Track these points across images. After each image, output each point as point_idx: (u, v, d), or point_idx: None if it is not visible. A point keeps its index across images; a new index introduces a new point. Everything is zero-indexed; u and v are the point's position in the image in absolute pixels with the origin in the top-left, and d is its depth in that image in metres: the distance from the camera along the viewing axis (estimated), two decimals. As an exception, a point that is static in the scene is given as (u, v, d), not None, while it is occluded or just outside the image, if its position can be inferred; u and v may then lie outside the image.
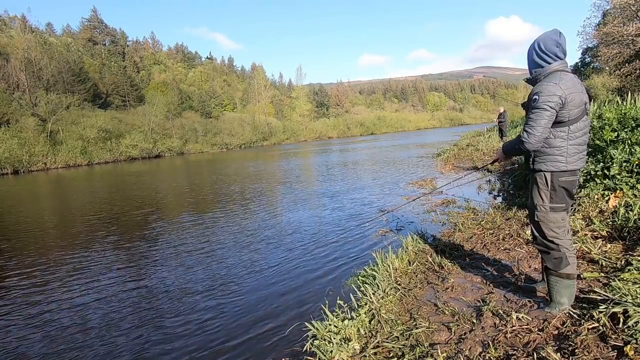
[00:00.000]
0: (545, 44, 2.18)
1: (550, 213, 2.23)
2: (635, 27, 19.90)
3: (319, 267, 4.29)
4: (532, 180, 2.31)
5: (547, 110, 2.07)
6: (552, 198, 2.22)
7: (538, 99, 2.09)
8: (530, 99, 2.19)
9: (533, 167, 2.26)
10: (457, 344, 2.19)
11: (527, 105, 2.22)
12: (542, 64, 2.21)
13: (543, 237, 2.28)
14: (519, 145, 2.21)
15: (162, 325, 3.26)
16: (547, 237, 2.25)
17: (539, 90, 2.10)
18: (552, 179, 2.20)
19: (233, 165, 21.88)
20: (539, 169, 2.23)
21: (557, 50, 2.16)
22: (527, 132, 2.14)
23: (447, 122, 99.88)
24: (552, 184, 2.20)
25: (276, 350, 2.70)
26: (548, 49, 2.17)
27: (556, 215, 2.23)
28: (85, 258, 5.31)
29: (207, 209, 8.41)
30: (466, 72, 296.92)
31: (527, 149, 2.17)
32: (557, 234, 2.23)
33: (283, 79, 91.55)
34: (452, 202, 6.60)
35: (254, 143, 55.96)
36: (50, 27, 65.77)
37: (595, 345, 1.89)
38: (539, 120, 2.09)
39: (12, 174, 27.82)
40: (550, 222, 2.24)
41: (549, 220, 2.24)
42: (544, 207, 2.24)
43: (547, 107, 2.07)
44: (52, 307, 3.78)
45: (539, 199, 2.26)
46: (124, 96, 59.12)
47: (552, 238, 2.24)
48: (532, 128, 2.12)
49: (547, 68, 2.18)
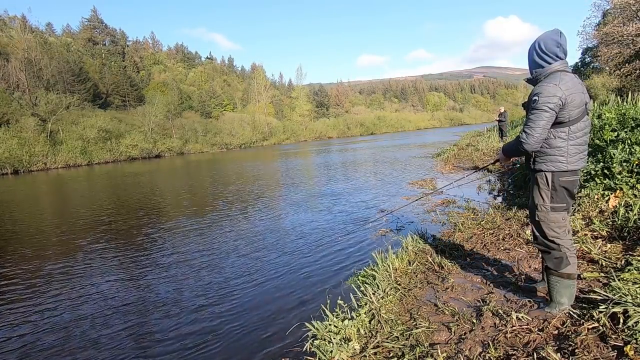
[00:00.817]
0: (546, 44, 2.17)
1: (551, 213, 2.23)
2: (635, 27, 19.90)
3: (319, 267, 4.29)
4: (533, 180, 2.31)
5: (546, 111, 2.07)
6: (553, 198, 2.22)
7: (538, 99, 2.09)
8: (530, 99, 2.19)
9: (534, 167, 2.26)
10: (457, 344, 2.19)
11: (527, 106, 2.22)
12: (542, 64, 2.21)
13: (544, 236, 2.28)
14: (518, 146, 2.21)
15: (161, 324, 3.25)
16: (548, 237, 2.25)
17: (539, 91, 2.10)
18: (552, 179, 2.20)
19: (233, 166, 21.88)
20: (539, 169, 2.23)
21: (557, 51, 2.15)
22: (526, 133, 2.14)
23: (447, 122, 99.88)
24: (552, 184, 2.20)
25: (276, 350, 2.70)
26: (548, 49, 2.17)
27: (557, 215, 2.23)
28: (80, 262, 5.30)
29: (206, 210, 8.41)
30: (466, 72, 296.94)
31: (526, 149, 2.17)
32: (558, 233, 2.23)
33: (283, 79, 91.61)
34: (452, 202, 6.60)
35: (254, 143, 55.92)
36: (50, 27, 65.82)
37: (595, 345, 1.89)
38: (538, 121, 2.09)
39: (12, 174, 27.82)
40: (551, 221, 2.24)
41: (549, 220, 2.24)
42: (545, 207, 2.24)
43: (546, 108, 2.07)
44: (41, 312, 3.77)
45: (539, 198, 2.26)
46: (124, 96, 59.10)
47: (553, 238, 2.24)
48: (531, 129, 2.12)
49: (548, 68, 2.18)
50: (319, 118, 77.51)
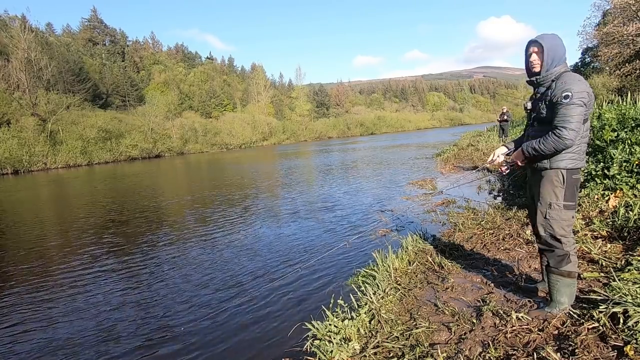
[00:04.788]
0: (559, 47, 2.23)
1: (564, 211, 2.23)
2: (635, 27, 19.91)
3: (319, 267, 4.29)
4: (546, 178, 2.26)
5: (581, 106, 2.08)
6: (566, 195, 2.22)
7: (572, 95, 2.08)
8: (555, 96, 2.14)
9: (550, 165, 2.23)
10: (457, 344, 2.19)
11: (554, 103, 2.16)
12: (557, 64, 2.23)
13: (551, 235, 2.26)
14: (557, 144, 2.12)
15: (161, 324, 3.25)
16: (557, 235, 2.24)
17: (569, 87, 2.09)
18: (567, 176, 2.21)
19: (233, 166, 21.88)
20: (556, 167, 2.21)
21: (565, 53, 2.24)
22: (566, 129, 2.08)
23: (447, 122, 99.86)
24: (566, 181, 2.21)
25: (276, 350, 2.70)
26: (562, 51, 2.24)
27: (568, 213, 2.24)
28: (80, 262, 5.31)
29: (207, 210, 8.41)
30: (466, 72, 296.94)
31: (567, 146, 2.12)
32: (567, 232, 2.25)
33: (283, 79, 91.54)
34: (452, 202, 6.59)
35: (253, 143, 55.89)
36: (50, 27, 65.67)
37: (595, 345, 1.89)
38: (575, 115, 2.08)
39: (12, 174, 27.81)
40: (562, 220, 2.24)
41: (561, 218, 2.23)
42: (558, 205, 2.23)
43: (581, 103, 2.08)
44: (41, 312, 3.78)
45: (553, 196, 2.24)
46: (124, 96, 59.07)
47: (561, 236, 2.24)
48: (570, 124, 2.08)
49: (560, 68, 2.22)
50: (319, 118, 77.47)
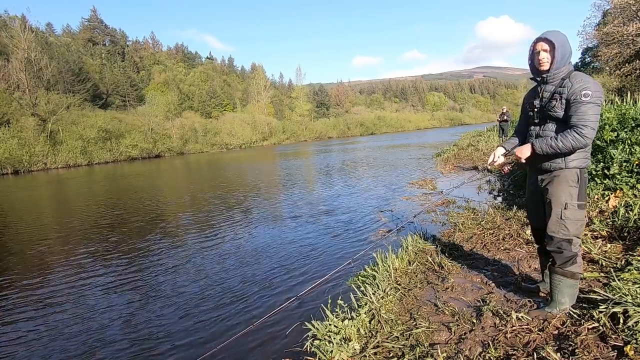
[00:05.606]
0: (568, 45, 2.24)
1: (578, 210, 2.22)
2: (635, 27, 19.89)
3: (319, 267, 4.29)
4: (561, 177, 2.23)
5: (598, 105, 2.10)
6: (580, 195, 2.22)
7: (591, 93, 2.08)
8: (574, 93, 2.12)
9: (565, 164, 2.21)
10: (457, 344, 2.19)
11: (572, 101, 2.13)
12: (566, 63, 2.24)
13: (566, 236, 2.21)
14: (575, 143, 2.09)
15: (161, 324, 3.25)
16: (570, 235, 2.21)
17: (586, 86, 2.09)
18: (580, 175, 2.21)
19: (233, 167, 21.88)
20: (573, 166, 2.20)
21: (571, 51, 2.26)
22: (586, 127, 2.07)
23: (447, 122, 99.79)
24: (580, 180, 2.21)
25: (276, 350, 2.70)
26: (570, 50, 2.25)
27: (582, 212, 2.23)
28: (80, 262, 5.31)
29: (206, 212, 8.42)
30: (466, 72, 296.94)
31: (586, 144, 2.12)
32: (579, 232, 2.24)
33: (283, 79, 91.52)
34: (452, 202, 6.59)
35: (254, 143, 55.85)
36: (50, 27, 65.78)
37: (595, 345, 1.89)
38: (594, 115, 2.09)
39: (12, 174, 27.80)
40: (577, 220, 2.22)
41: (576, 218, 2.22)
42: (573, 204, 2.21)
43: (599, 102, 2.09)
44: (40, 310, 3.78)
45: (568, 196, 2.21)
46: (124, 96, 59.05)
47: (573, 236, 2.22)
48: (589, 122, 2.08)
49: (569, 67, 2.24)
50: (319, 118, 77.42)
